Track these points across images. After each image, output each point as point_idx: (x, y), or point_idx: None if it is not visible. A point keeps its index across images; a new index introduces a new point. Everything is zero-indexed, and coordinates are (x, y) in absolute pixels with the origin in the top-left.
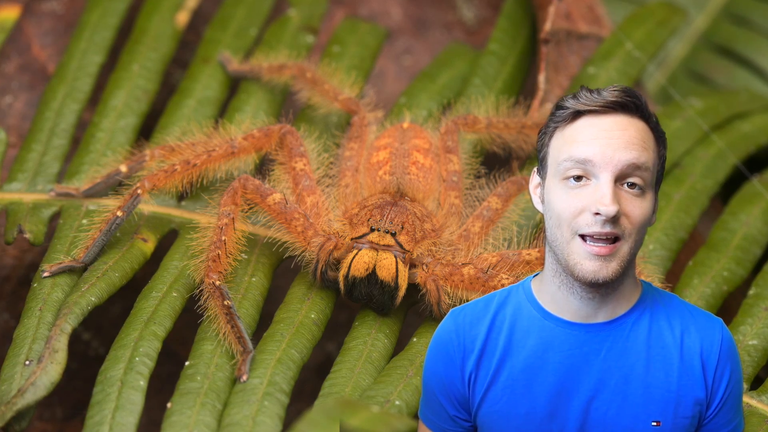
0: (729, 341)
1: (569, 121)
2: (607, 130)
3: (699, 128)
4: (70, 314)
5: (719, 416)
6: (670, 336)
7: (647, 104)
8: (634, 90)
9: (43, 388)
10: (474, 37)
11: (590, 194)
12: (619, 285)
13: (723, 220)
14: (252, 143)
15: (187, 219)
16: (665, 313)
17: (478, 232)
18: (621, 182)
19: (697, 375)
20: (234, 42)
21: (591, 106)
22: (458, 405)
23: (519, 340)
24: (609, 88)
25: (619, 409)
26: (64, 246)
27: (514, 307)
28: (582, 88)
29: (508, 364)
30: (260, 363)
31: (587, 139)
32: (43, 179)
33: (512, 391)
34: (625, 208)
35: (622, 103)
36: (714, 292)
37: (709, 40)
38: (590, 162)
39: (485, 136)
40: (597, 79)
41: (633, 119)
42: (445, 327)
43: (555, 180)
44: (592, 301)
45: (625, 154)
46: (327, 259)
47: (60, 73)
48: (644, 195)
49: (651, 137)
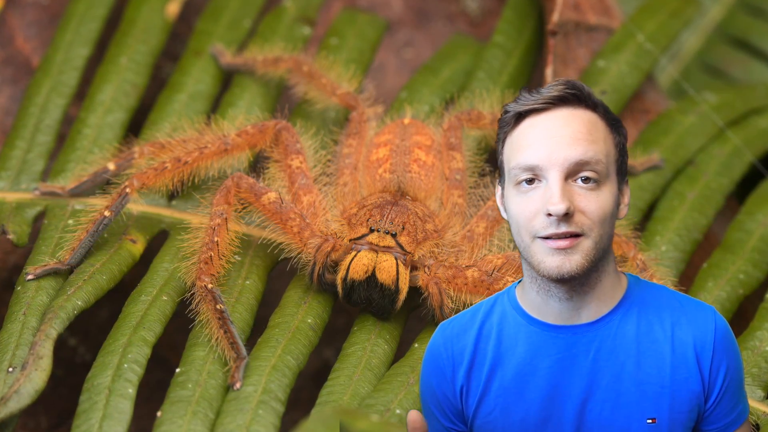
0: (723, 329)
1: (513, 125)
2: (549, 129)
3: (714, 124)
4: (56, 319)
5: (720, 406)
6: (660, 330)
7: (591, 94)
8: (576, 81)
9: (27, 396)
10: (478, 28)
11: (541, 196)
12: (596, 283)
13: (739, 220)
14: (246, 140)
15: (178, 219)
16: (654, 307)
17: (483, 233)
18: (573, 178)
19: (691, 368)
20: (227, 34)
21: (531, 105)
22: (453, 417)
23: (507, 348)
24: (549, 85)
25: (614, 408)
26: (49, 247)
27: (500, 315)
28: (522, 90)
29: (499, 373)
30: (254, 370)
31: (532, 143)
32: (27, 177)
33: (505, 399)
34: (578, 205)
35: (562, 96)
36: (729, 295)
37: (725, 32)
38: (537, 166)
39: (490, 133)
40: (607, 73)
41: (577, 111)
42: (434, 341)
43: (510, 186)
44: (571, 301)
45: (570, 151)
46: (324, 261)
47: (45, 66)
48: (600, 188)
49: (601, 126)
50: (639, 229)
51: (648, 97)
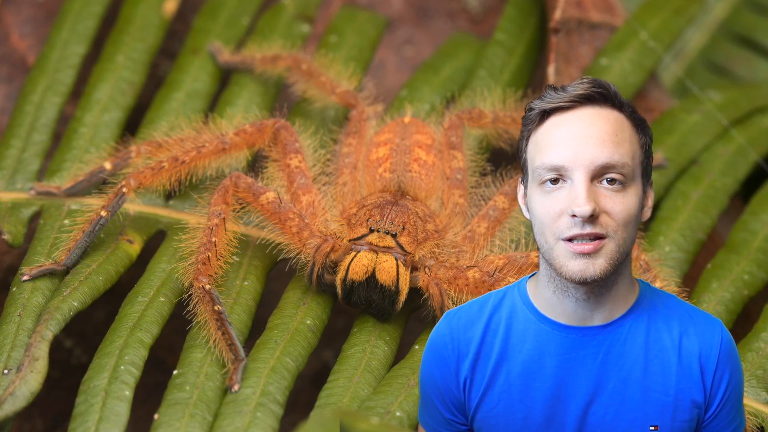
0: (728, 343)
1: (538, 123)
2: (575, 129)
3: (718, 123)
4: (51, 320)
5: (719, 419)
6: (668, 338)
7: (618, 93)
8: (602, 80)
9: (23, 398)
10: (479, 26)
11: (566, 196)
12: (612, 285)
13: (743, 220)
14: (244, 139)
15: (176, 219)
16: (663, 314)
17: (484, 233)
18: (599, 179)
19: (695, 378)
20: (225, 31)
21: (556, 103)
22: (454, 409)
23: (515, 344)
24: (575, 83)
25: (617, 413)
26: (44, 248)
27: (510, 310)
28: (547, 87)
29: (505, 369)
30: (253, 372)
31: (557, 143)
32: (22, 177)
33: (509, 395)
34: (604, 206)
35: (589, 95)
36: (734, 296)
37: (729, 30)
38: (562, 167)
39: (491, 131)
40: (610, 71)
41: (603, 110)
42: (439, 330)
43: (534, 186)
44: (587, 302)
45: (597, 153)
46: (323, 261)
47: (40, 64)
48: (626, 189)
49: (627, 127)
50: (643, 229)
51: (651, 96)
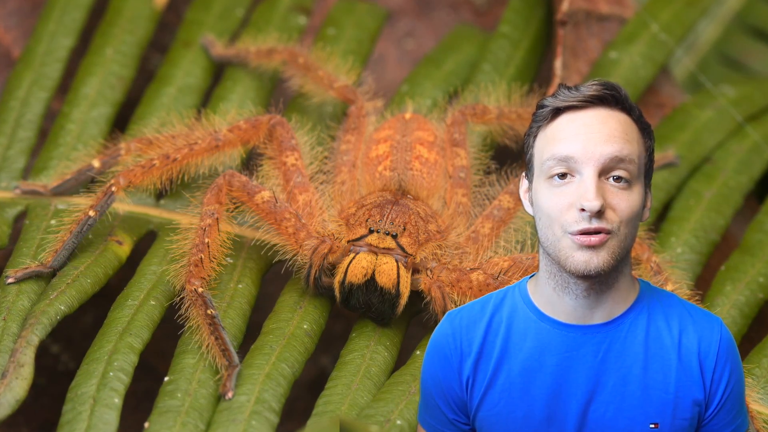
0: (728, 341)
1: (550, 119)
2: (587, 125)
3: (732, 119)
4: (38, 324)
5: (719, 417)
6: (668, 336)
7: (627, 96)
8: (614, 83)
9: (8, 406)
10: (483, 18)
11: (575, 190)
12: (613, 282)
13: (758, 220)
14: (238, 135)
15: (167, 219)
16: (663, 312)
17: (488, 234)
18: (606, 176)
19: (695, 376)
20: (218, 24)
21: (570, 102)
22: (456, 409)
23: (516, 342)
24: (588, 83)
25: (617, 411)
26: (30, 249)
27: (510, 309)
28: (561, 86)
29: (505, 367)
30: (247, 378)
31: (568, 136)
32: (7, 175)
33: (510, 394)
34: (611, 202)
35: (601, 96)
36: (748, 300)
37: (744, 21)
38: (572, 158)
39: (496, 128)
40: (620, 65)
41: (613, 112)
42: (441, 330)
43: (541, 180)
44: (588, 299)
45: (606, 147)
46: (321, 263)
47: (26, 58)
48: (631, 188)
49: (634, 129)
50: (653, 230)
51: (663, 91)
